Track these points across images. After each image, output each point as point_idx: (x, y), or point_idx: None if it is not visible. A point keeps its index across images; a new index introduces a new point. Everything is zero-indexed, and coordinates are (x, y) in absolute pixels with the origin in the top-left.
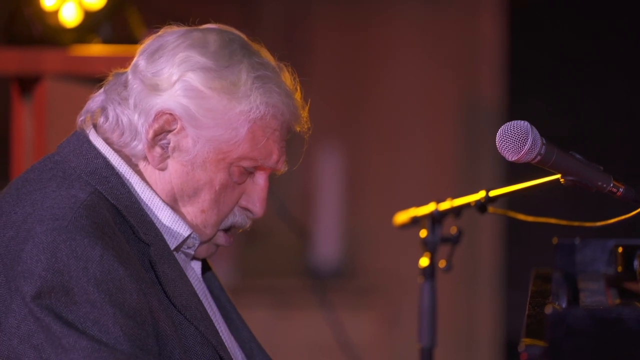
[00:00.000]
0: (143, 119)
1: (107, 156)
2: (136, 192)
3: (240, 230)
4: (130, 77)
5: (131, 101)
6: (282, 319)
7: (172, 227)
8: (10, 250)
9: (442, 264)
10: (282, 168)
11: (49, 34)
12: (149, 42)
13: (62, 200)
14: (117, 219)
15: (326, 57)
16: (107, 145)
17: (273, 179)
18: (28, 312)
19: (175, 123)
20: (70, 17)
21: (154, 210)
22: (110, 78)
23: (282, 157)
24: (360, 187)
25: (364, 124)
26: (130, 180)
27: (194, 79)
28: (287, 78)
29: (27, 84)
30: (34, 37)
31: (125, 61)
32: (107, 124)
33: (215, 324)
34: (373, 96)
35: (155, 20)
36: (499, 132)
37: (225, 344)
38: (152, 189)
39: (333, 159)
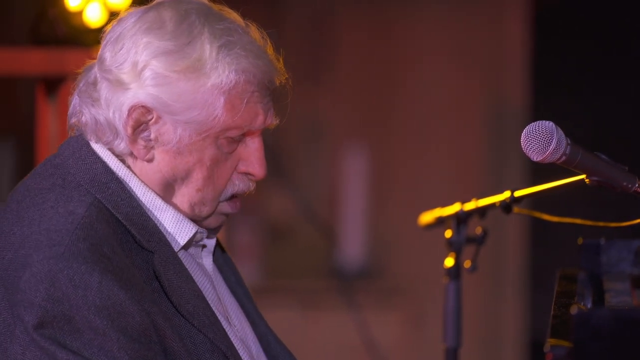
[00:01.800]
0: (118, 116)
1: (106, 160)
2: (136, 195)
3: (246, 194)
4: (97, 75)
5: (102, 101)
6: (307, 319)
7: (176, 228)
8: (10, 274)
9: (467, 264)
10: (273, 122)
11: (73, 34)
12: (110, 29)
13: (59, 221)
14: (118, 228)
15: (351, 59)
16: (104, 148)
17: (298, 182)
18: (31, 340)
19: (149, 114)
20: (94, 17)
21: (155, 212)
22: (81, 74)
23: (269, 113)
24: (386, 188)
25: (389, 125)
26: (129, 183)
27: (158, 66)
28: (255, 35)
29: (52, 84)
30: (58, 38)
31: None
32: (89, 126)
33: (231, 319)
34: (398, 97)
35: None
36: (524, 132)
37: (241, 339)
38: (149, 187)
39: (358, 160)
